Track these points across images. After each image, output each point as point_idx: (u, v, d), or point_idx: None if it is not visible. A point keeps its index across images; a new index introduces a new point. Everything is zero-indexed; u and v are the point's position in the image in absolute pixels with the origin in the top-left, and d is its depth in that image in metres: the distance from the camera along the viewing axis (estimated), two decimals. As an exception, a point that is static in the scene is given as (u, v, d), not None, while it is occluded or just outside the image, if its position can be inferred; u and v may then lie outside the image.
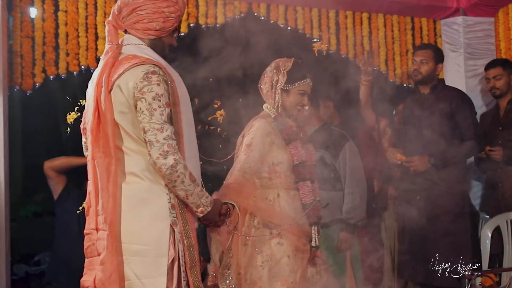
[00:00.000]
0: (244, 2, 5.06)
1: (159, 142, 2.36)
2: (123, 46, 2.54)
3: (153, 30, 2.53)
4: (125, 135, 2.45)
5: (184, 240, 2.46)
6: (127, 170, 2.45)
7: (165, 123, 2.38)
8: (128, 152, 2.45)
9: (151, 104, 2.37)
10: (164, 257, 2.41)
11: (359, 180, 4.03)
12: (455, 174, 4.26)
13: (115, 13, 2.55)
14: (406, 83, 5.52)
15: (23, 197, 5.27)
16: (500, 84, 4.65)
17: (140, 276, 2.40)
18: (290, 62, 3.25)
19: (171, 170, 2.37)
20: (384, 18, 5.49)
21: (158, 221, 2.43)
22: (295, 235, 3.10)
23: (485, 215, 4.66)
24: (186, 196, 2.44)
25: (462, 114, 4.31)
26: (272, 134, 3.16)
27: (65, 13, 4.65)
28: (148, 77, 2.38)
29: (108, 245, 2.38)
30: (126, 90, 2.40)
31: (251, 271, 3.02)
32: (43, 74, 4.58)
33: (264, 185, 3.15)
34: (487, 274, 3.70)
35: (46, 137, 5.00)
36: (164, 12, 2.52)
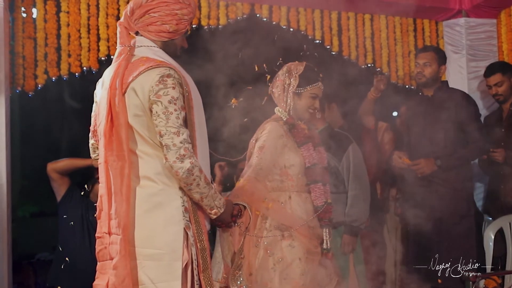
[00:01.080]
0: (246, 3, 5.05)
1: (176, 145, 2.36)
2: (135, 48, 2.52)
3: (166, 33, 2.52)
4: (139, 138, 2.44)
5: (197, 243, 2.47)
6: (141, 174, 2.44)
7: (181, 127, 2.38)
8: (141, 156, 2.44)
9: (167, 108, 2.37)
10: (178, 261, 2.41)
11: (362, 182, 4.02)
12: (461, 176, 4.25)
13: (127, 15, 2.53)
14: (408, 85, 5.52)
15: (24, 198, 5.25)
16: (502, 90, 4.64)
17: (155, 280, 2.40)
18: (302, 66, 3.27)
19: (187, 173, 2.37)
20: (386, 20, 5.49)
21: (172, 225, 2.43)
22: (306, 237, 3.11)
23: (488, 217, 4.65)
24: (201, 198, 2.45)
25: (467, 116, 4.30)
26: (284, 137, 3.18)
27: (67, 14, 4.64)
28: (164, 80, 2.38)
29: (121, 249, 2.37)
30: (142, 93, 2.40)
31: (262, 273, 3.03)
32: (45, 75, 4.57)
33: (276, 187, 3.17)
34: (490, 277, 3.69)
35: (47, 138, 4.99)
36: (177, 14, 2.51)
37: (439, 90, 4.45)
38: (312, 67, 3.30)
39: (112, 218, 2.44)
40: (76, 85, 4.61)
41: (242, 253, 3.03)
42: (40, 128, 5.01)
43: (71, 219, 4.47)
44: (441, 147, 4.26)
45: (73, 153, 4.56)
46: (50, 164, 4.42)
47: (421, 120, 4.38)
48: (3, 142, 4.14)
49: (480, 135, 4.29)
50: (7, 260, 4.16)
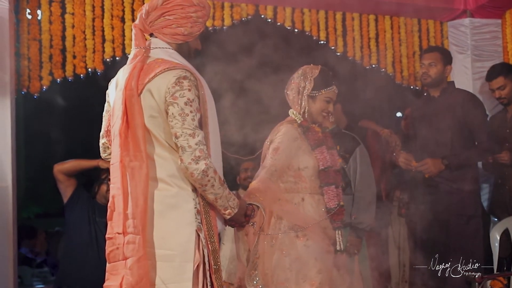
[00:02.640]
0: (251, 4, 5.05)
1: (191, 147, 2.37)
2: (150, 50, 2.53)
3: (181, 35, 2.52)
4: (154, 140, 2.45)
5: (209, 245, 2.47)
6: (155, 176, 2.45)
7: (196, 128, 2.39)
8: (156, 158, 2.45)
9: (183, 109, 2.37)
10: (190, 262, 2.42)
11: (369, 184, 4.02)
12: (467, 177, 4.24)
13: (143, 17, 2.53)
14: (413, 85, 5.51)
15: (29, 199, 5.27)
16: (505, 93, 4.63)
17: (166, 280, 2.40)
18: (317, 69, 3.29)
19: (202, 174, 2.37)
20: (391, 20, 5.48)
21: (184, 226, 2.44)
22: (319, 236, 3.14)
23: (493, 218, 4.64)
24: (216, 199, 2.46)
25: (474, 117, 4.29)
26: (298, 139, 3.21)
27: (72, 16, 4.66)
28: (180, 82, 2.38)
29: (139, 249, 2.38)
30: (158, 94, 2.41)
31: (278, 273, 3.05)
32: (50, 77, 4.59)
33: (289, 189, 3.19)
34: (497, 278, 3.68)
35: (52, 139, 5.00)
36: (192, 17, 2.51)
37: (445, 90, 4.43)
38: (327, 70, 3.33)
39: (129, 218, 2.44)
40: (81, 86, 4.61)
41: (257, 253, 3.06)
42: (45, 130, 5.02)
43: (77, 220, 4.48)
44: (448, 148, 4.25)
45: (79, 154, 4.58)
46: (56, 165, 4.43)
47: (427, 121, 4.37)
48: (8, 143, 4.16)
49: (486, 136, 4.28)
50: (13, 260, 4.17)
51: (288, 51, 4.57)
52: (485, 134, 4.26)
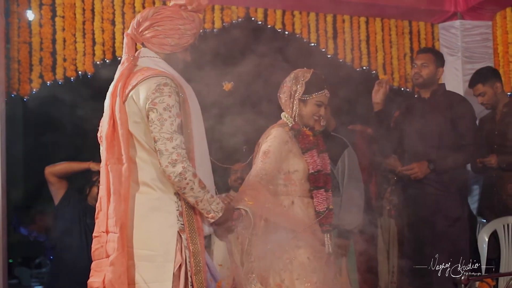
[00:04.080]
0: (241, 7, 5.07)
1: (168, 151, 2.46)
2: (139, 58, 2.64)
3: (168, 46, 2.63)
4: (137, 145, 2.55)
5: (191, 247, 2.54)
6: (139, 180, 2.55)
7: (174, 133, 2.47)
8: (139, 162, 2.56)
9: (161, 115, 2.47)
10: (170, 262, 2.51)
11: (357, 187, 4.03)
12: (454, 179, 4.26)
13: (134, 27, 2.65)
14: (404, 87, 5.52)
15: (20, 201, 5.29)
16: (487, 99, 4.66)
17: (148, 280, 2.50)
18: (309, 73, 3.30)
19: (179, 177, 2.46)
20: (382, 22, 5.49)
21: (166, 228, 2.53)
22: (310, 237, 3.17)
23: (482, 219, 4.66)
24: (196, 202, 2.53)
25: (462, 119, 4.31)
26: (289, 143, 3.22)
27: (62, 19, 4.67)
28: (160, 89, 2.49)
29: (118, 247, 2.48)
30: (139, 101, 2.52)
31: (273, 276, 3.09)
32: (40, 80, 4.61)
33: (279, 192, 3.21)
34: (483, 279, 3.69)
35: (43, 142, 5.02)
36: (180, 29, 2.62)
37: (435, 92, 4.46)
38: (319, 74, 3.33)
39: (110, 217, 2.55)
40: (72, 89, 4.63)
41: (251, 257, 3.08)
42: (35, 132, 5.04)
43: (68, 222, 4.50)
44: (436, 150, 4.27)
45: (69, 157, 4.59)
46: (48, 167, 4.45)
47: (417, 122, 4.39)
48: (-1, 146, 4.17)
49: (474, 139, 4.29)
50: (2, 264, 4.18)
51: (278, 54, 4.58)
52: (473, 137, 4.28)
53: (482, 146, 4.42)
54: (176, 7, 2.65)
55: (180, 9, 2.64)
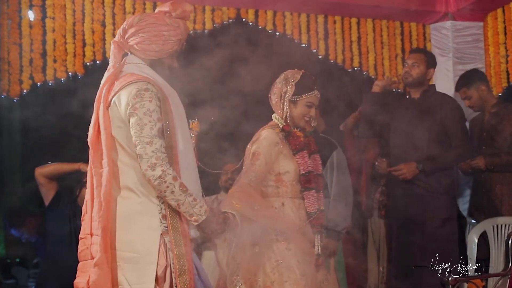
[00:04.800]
0: (232, 8, 5.08)
1: (148, 154, 2.50)
2: (125, 64, 2.69)
3: (152, 52, 2.67)
4: (120, 149, 2.60)
5: (174, 249, 2.57)
6: (122, 184, 2.59)
7: (154, 137, 2.51)
8: (122, 166, 2.60)
9: (142, 119, 2.51)
10: (153, 264, 2.54)
11: (345, 187, 4.04)
12: (443, 180, 4.26)
13: (120, 34, 2.70)
14: (395, 88, 5.52)
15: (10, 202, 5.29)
16: (473, 102, 4.66)
17: (131, 282, 2.54)
18: (299, 74, 3.30)
19: (159, 180, 2.50)
20: (373, 23, 5.50)
21: (149, 230, 2.56)
22: (300, 239, 3.17)
23: (472, 220, 4.67)
24: (178, 205, 2.55)
25: (451, 120, 4.31)
26: (279, 144, 3.23)
27: (52, 20, 4.69)
28: (141, 94, 2.53)
29: (101, 249, 2.52)
30: (121, 106, 2.56)
31: (263, 278, 3.10)
32: (31, 81, 4.63)
33: (270, 193, 3.22)
34: (471, 280, 3.70)
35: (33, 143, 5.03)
36: (164, 35, 2.66)
37: (425, 93, 4.46)
38: (309, 75, 3.34)
39: (94, 220, 2.60)
40: (62, 90, 4.63)
41: (237, 259, 3.11)
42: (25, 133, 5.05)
43: (59, 223, 4.51)
44: (425, 150, 4.28)
45: (59, 158, 4.59)
46: (37, 169, 4.46)
47: (406, 123, 4.39)
48: (-12, 147, 4.18)
49: (463, 140, 4.30)
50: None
51: (269, 55, 4.58)
52: (461, 137, 4.28)
53: (471, 147, 4.42)
54: (161, 13, 2.70)
55: (164, 16, 2.69)
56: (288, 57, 4.50)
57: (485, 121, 4.65)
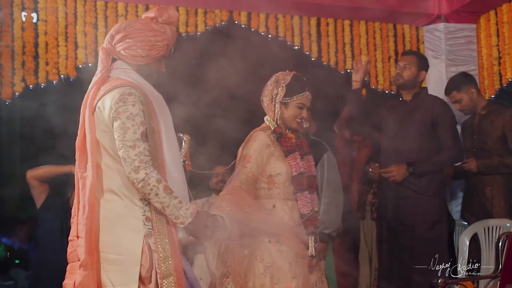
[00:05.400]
0: (224, 10, 5.08)
1: (131, 158, 2.54)
2: (112, 70, 2.74)
3: (139, 57, 2.72)
4: (105, 153, 2.64)
5: (159, 251, 2.60)
6: (106, 187, 2.64)
7: (137, 141, 2.55)
8: (106, 169, 2.64)
9: (125, 123, 2.55)
10: (136, 266, 2.57)
11: (336, 190, 4.04)
12: (433, 182, 4.26)
13: (108, 40, 2.75)
14: (388, 90, 5.53)
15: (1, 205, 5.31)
16: (463, 106, 4.67)
17: (115, 283, 2.58)
18: (290, 76, 3.30)
19: (143, 183, 2.53)
20: (366, 25, 5.50)
21: (133, 233, 2.60)
22: (293, 242, 3.17)
23: (463, 222, 4.67)
24: (163, 208, 2.58)
25: (442, 123, 4.32)
26: (271, 146, 3.23)
27: (44, 23, 4.70)
28: (124, 98, 2.57)
29: (85, 251, 2.57)
30: (105, 110, 2.61)
31: (253, 279, 3.10)
32: (23, 83, 4.64)
33: (263, 195, 3.22)
34: (461, 282, 3.70)
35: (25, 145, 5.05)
36: (151, 41, 2.71)
37: (417, 95, 4.47)
38: (300, 77, 3.34)
39: (80, 223, 2.65)
40: (54, 92, 4.64)
41: (227, 261, 3.11)
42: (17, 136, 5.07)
43: (50, 225, 4.51)
44: (415, 153, 4.28)
45: (51, 161, 4.59)
46: (29, 171, 4.47)
47: (397, 125, 4.40)
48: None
49: (454, 142, 4.30)
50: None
51: (262, 57, 4.59)
52: (451, 140, 4.29)
53: (462, 150, 4.43)
54: (148, 19, 2.75)
55: (151, 22, 2.74)
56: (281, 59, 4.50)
57: (475, 123, 4.66)
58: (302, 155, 3.31)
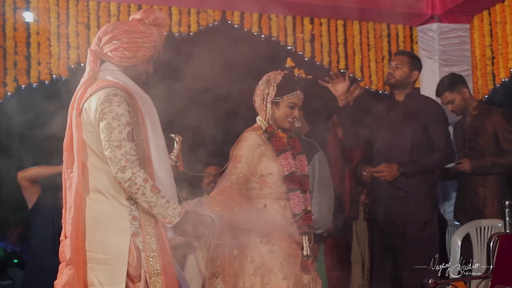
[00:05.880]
0: (217, 10, 5.07)
1: (117, 157, 2.57)
2: (100, 71, 2.77)
3: (126, 58, 2.76)
4: (91, 153, 2.67)
5: (147, 250, 2.62)
6: (92, 187, 2.67)
7: (123, 140, 2.59)
8: (93, 169, 2.67)
9: (110, 124, 2.59)
10: (123, 265, 2.60)
11: (327, 191, 4.04)
12: (424, 183, 4.26)
13: (96, 42, 2.79)
14: (381, 90, 5.53)
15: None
16: (456, 106, 4.66)
17: (103, 282, 2.61)
18: (280, 75, 3.30)
19: (129, 183, 2.56)
20: (360, 25, 5.49)
21: (119, 232, 2.63)
22: (286, 242, 3.16)
23: (455, 222, 4.67)
24: (150, 207, 2.60)
25: (434, 123, 4.32)
26: (261, 146, 3.23)
27: (37, 23, 4.68)
28: (110, 99, 2.60)
29: (72, 250, 2.61)
30: (91, 111, 2.65)
31: (243, 279, 3.10)
32: (15, 83, 4.64)
33: (255, 195, 3.22)
34: (452, 283, 3.69)
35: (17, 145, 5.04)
36: (138, 42, 2.75)
37: (409, 96, 4.47)
38: (292, 76, 3.34)
39: (67, 223, 2.68)
40: (46, 92, 4.63)
41: (217, 262, 3.12)
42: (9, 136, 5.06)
43: (42, 225, 4.51)
44: (407, 153, 4.28)
45: (44, 161, 4.59)
46: (20, 173, 4.47)
47: (389, 125, 4.40)
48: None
49: (446, 144, 4.30)
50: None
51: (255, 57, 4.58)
52: (443, 141, 4.28)
53: (454, 151, 4.42)
54: (135, 21, 2.80)
55: (138, 23, 2.78)
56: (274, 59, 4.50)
57: (466, 124, 4.66)
58: (295, 155, 3.31)
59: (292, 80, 3.32)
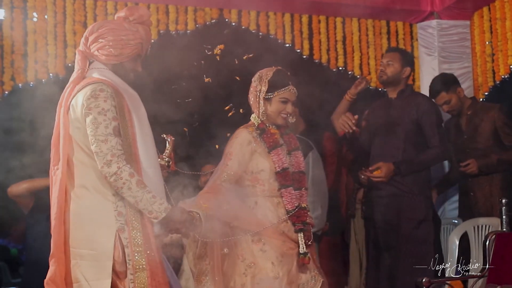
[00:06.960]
0: (215, 8, 5.06)
1: (103, 152, 2.59)
2: (88, 70, 2.80)
3: (112, 56, 2.78)
4: (78, 149, 2.69)
5: (132, 246, 2.63)
6: (78, 183, 2.68)
7: (109, 135, 2.61)
8: (79, 165, 2.69)
9: (96, 119, 2.61)
10: (109, 261, 2.61)
11: (320, 189, 4.03)
12: (419, 181, 4.23)
13: (83, 42, 2.83)
14: (381, 88, 5.49)
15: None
16: (452, 106, 4.61)
17: (88, 278, 2.62)
18: (272, 71, 3.28)
19: (115, 177, 2.58)
20: (359, 22, 5.46)
21: (104, 228, 2.64)
22: (279, 241, 3.13)
23: (453, 221, 4.65)
24: (136, 202, 2.62)
25: (428, 121, 4.27)
26: (253, 143, 3.20)
27: (33, 21, 4.68)
28: (96, 94, 2.63)
29: (52, 245, 2.66)
30: (78, 107, 2.67)
31: (234, 278, 3.08)
32: (12, 82, 4.65)
33: (248, 193, 3.20)
34: (447, 282, 3.67)
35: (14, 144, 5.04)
36: (123, 39, 2.78)
37: (402, 93, 4.42)
38: (283, 71, 3.31)
39: (52, 219, 2.71)
40: (43, 91, 4.63)
41: (206, 259, 3.09)
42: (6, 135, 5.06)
43: (38, 228, 4.51)
44: (401, 151, 4.25)
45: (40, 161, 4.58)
46: (10, 189, 4.41)
47: (383, 123, 4.37)
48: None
49: (440, 141, 4.26)
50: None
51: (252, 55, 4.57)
52: (437, 138, 4.24)
53: (448, 149, 4.38)
54: (120, 19, 2.83)
55: (123, 21, 2.80)
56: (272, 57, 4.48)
57: (463, 123, 4.62)
58: (290, 151, 3.28)
59: (284, 75, 3.28)
